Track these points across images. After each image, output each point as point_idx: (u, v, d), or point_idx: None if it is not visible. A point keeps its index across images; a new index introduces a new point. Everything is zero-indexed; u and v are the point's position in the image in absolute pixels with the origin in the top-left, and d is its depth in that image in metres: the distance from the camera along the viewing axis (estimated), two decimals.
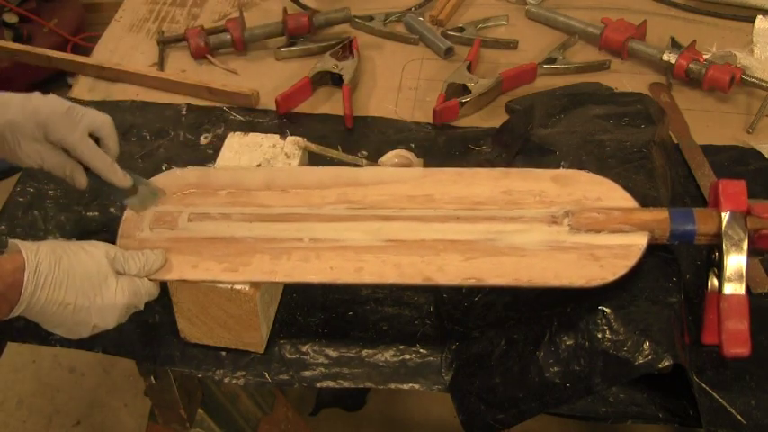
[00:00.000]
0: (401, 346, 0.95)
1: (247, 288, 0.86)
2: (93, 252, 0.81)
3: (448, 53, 1.35)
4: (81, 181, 0.91)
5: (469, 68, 1.28)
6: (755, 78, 1.23)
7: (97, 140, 0.91)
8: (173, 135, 1.23)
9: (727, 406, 0.86)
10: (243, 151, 1.02)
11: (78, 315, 0.79)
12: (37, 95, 0.90)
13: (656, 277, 0.85)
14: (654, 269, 0.85)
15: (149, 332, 0.97)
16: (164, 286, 0.88)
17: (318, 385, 0.93)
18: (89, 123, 0.89)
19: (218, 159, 1.02)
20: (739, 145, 1.18)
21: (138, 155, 1.20)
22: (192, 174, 0.96)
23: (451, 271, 0.84)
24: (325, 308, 0.98)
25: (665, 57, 1.27)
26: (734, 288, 0.81)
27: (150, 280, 0.85)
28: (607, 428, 1.77)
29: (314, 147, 1.03)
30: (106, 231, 1.08)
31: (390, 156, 1.05)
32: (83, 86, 1.33)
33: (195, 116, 1.26)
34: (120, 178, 0.91)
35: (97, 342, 0.93)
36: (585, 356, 0.82)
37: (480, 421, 0.87)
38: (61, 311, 0.78)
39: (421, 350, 0.94)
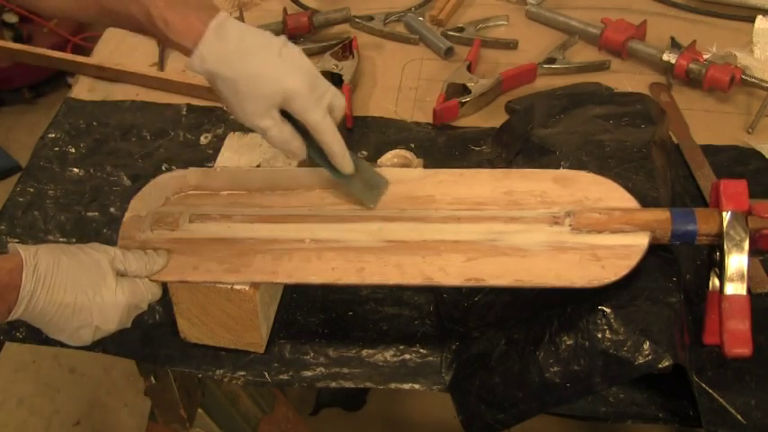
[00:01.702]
0: (401, 346, 0.95)
1: (247, 288, 0.86)
2: (92, 253, 0.80)
3: (448, 53, 1.35)
4: (301, 155, 0.86)
5: (469, 68, 1.28)
6: (755, 78, 1.24)
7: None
8: (173, 135, 1.23)
9: (728, 406, 0.86)
10: (243, 151, 1.02)
11: (79, 316, 0.77)
12: (293, 56, 0.82)
13: (656, 277, 0.85)
14: (654, 269, 0.85)
15: (149, 332, 0.97)
16: (164, 286, 0.88)
17: (318, 385, 0.93)
18: (330, 100, 0.84)
19: (218, 159, 1.02)
20: (739, 145, 1.18)
21: (138, 155, 1.20)
22: (192, 174, 0.96)
23: (453, 271, 0.84)
24: (325, 308, 0.99)
25: (665, 57, 1.27)
26: (735, 288, 0.81)
27: (151, 280, 0.85)
28: (607, 428, 1.77)
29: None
30: (106, 231, 1.08)
31: (390, 156, 1.05)
32: (83, 86, 1.33)
33: (195, 116, 1.26)
34: (349, 164, 0.87)
35: (97, 342, 0.93)
36: (585, 356, 0.82)
37: (480, 421, 0.87)
38: (61, 312, 0.76)
39: (421, 350, 0.94)
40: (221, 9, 0.81)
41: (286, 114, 0.83)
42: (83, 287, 0.77)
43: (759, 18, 1.34)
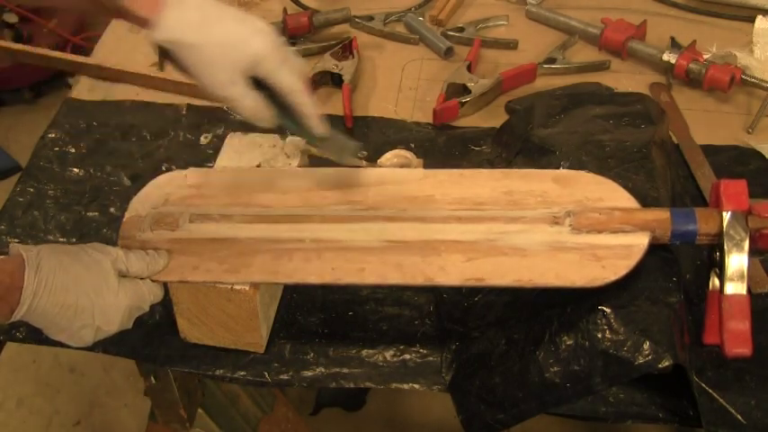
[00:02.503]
0: (401, 346, 0.95)
1: (247, 288, 0.86)
2: (94, 253, 0.80)
3: (448, 53, 1.35)
4: (271, 124, 0.84)
5: (469, 68, 1.28)
6: (755, 78, 1.24)
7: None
8: (173, 135, 1.23)
9: (728, 406, 0.86)
10: (243, 151, 1.02)
11: (80, 317, 0.77)
12: (252, 21, 0.81)
13: (656, 277, 0.85)
14: (654, 269, 0.85)
15: (149, 332, 0.97)
16: (164, 286, 0.88)
17: (318, 385, 0.93)
18: (298, 65, 0.83)
19: (218, 159, 1.02)
20: (739, 145, 1.18)
21: (138, 155, 1.20)
22: (192, 175, 0.96)
23: (453, 271, 0.84)
24: (325, 308, 0.99)
25: (665, 57, 1.27)
26: (735, 288, 0.81)
27: (152, 281, 0.85)
28: (607, 428, 1.77)
29: (314, 149, 1.03)
30: (106, 231, 1.08)
31: (390, 156, 1.05)
32: (83, 86, 1.33)
33: (195, 116, 1.26)
34: (322, 124, 0.86)
35: (97, 342, 0.92)
36: (585, 356, 0.82)
37: (480, 421, 0.87)
38: (63, 313, 0.76)
39: (421, 350, 0.94)
40: None
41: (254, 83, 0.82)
42: (85, 288, 0.77)
43: (759, 18, 1.34)
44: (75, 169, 1.18)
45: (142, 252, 0.85)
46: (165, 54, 0.81)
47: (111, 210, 1.11)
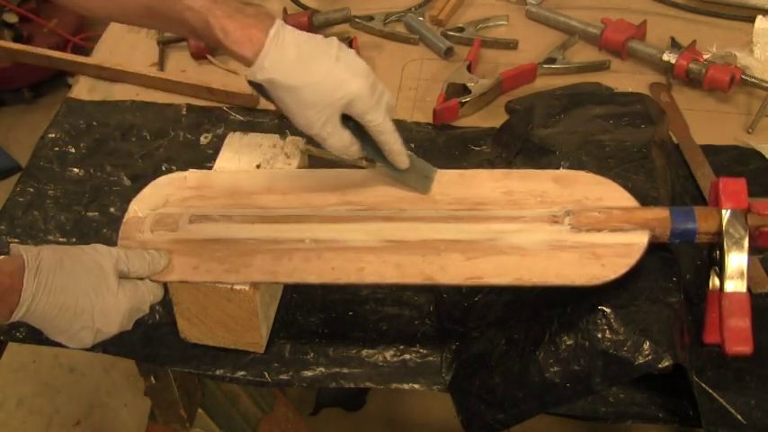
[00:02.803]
0: (401, 346, 0.95)
1: (247, 288, 0.86)
2: (94, 254, 0.80)
3: (448, 53, 1.35)
4: (356, 157, 0.87)
5: (469, 68, 1.28)
6: (755, 78, 1.24)
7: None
8: (173, 135, 1.23)
9: (728, 406, 0.86)
10: (243, 151, 1.02)
11: (80, 319, 0.77)
12: (348, 59, 0.83)
13: (656, 277, 0.85)
14: (654, 269, 0.85)
15: (149, 332, 0.97)
16: (164, 286, 0.88)
17: (318, 385, 0.93)
18: (388, 101, 0.85)
19: (218, 159, 1.02)
20: (739, 145, 1.18)
21: (138, 155, 1.20)
22: (192, 176, 0.96)
23: (453, 271, 0.84)
24: (325, 308, 0.99)
25: (665, 57, 1.27)
26: (735, 286, 0.81)
27: (152, 281, 0.85)
28: (607, 428, 1.77)
29: (314, 150, 1.03)
30: (106, 231, 1.08)
31: None
32: (83, 86, 1.33)
33: (195, 116, 1.26)
34: (406, 160, 0.89)
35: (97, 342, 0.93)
36: (585, 356, 0.82)
37: (480, 421, 0.87)
38: (62, 315, 0.76)
39: (421, 350, 0.94)
40: (275, 18, 0.82)
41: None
42: (84, 290, 0.77)
43: (759, 18, 1.34)
44: (75, 169, 1.18)
45: (143, 252, 0.85)
46: (260, 89, 0.82)
47: (111, 210, 1.11)
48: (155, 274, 0.85)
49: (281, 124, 1.24)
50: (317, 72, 0.80)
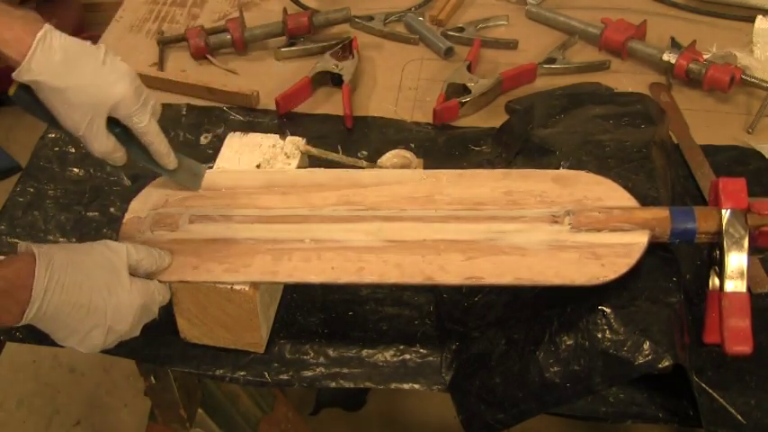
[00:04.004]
0: (401, 346, 0.95)
1: (247, 288, 0.86)
2: (105, 251, 0.80)
3: (448, 53, 1.35)
4: (121, 163, 0.89)
5: (469, 68, 1.28)
6: (755, 78, 1.24)
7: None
8: (173, 135, 1.23)
9: (728, 406, 0.86)
10: (243, 151, 1.02)
11: (92, 317, 0.76)
12: (114, 64, 0.84)
13: (656, 277, 0.85)
14: (654, 269, 0.85)
15: (149, 332, 0.96)
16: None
17: (318, 385, 0.93)
18: (154, 104, 0.88)
19: (218, 159, 1.02)
20: (739, 145, 1.18)
21: None
22: None
23: (453, 270, 0.84)
24: (325, 308, 0.99)
25: (665, 57, 1.27)
26: (735, 285, 0.81)
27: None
28: (607, 428, 1.77)
29: (314, 150, 1.03)
30: (106, 231, 1.08)
31: (390, 156, 1.05)
32: None
33: (195, 116, 1.26)
34: (173, 160, 0.92)
35: None
36: (585, 356, 0.82)
37: (480, 421, 0.87)
38: (75, 313, 0.75)
39: (421, 350, 0.94)
40: (44, 21, 0.82)
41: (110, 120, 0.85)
42: (98, 286, 0.76)
43: (759, 18, 1.34)
44: (75, 169, 1.18)
45: (150, 248, 0.85)
46: (23, 97, 0.83)
47: (111, 210, 1.11)
48: (161, 270, 0.85)
49: (280, 124, 1.24)
50: (83, 75, 0.81)
